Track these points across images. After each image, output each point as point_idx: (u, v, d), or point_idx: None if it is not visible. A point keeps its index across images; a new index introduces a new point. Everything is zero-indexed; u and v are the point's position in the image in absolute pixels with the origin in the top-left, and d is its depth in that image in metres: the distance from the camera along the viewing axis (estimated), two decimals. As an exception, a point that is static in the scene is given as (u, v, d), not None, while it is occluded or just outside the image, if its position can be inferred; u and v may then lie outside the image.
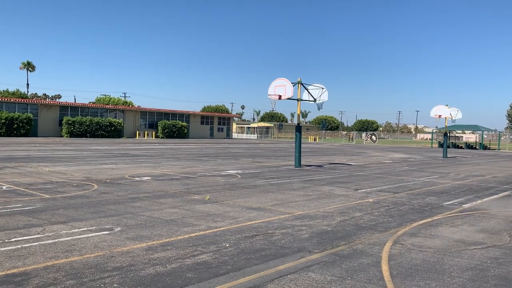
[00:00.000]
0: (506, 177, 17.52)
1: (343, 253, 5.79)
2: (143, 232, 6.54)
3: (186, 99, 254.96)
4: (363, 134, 79.93)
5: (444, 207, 9.80)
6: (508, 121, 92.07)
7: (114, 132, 52.74)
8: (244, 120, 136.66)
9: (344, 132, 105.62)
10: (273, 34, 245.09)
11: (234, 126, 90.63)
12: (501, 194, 12.28)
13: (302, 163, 19.93)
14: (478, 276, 5.02)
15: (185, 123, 61.98)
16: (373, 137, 74.85)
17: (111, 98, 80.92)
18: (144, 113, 59.83)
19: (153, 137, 57.16)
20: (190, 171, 15.96)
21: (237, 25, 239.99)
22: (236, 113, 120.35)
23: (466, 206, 10.04)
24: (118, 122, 53.57)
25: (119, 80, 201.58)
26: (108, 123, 52.05)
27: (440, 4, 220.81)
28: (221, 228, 6.96)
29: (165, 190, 10.96)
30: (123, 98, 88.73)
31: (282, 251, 5.77)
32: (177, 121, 60.75)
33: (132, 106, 72.83)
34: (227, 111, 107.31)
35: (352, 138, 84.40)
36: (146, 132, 57.36)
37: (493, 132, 69.88)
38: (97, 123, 50.97)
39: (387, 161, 25.33)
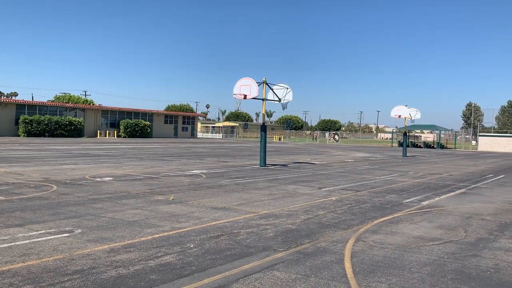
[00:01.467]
0: (462, 175, 18.26)
1: (307, 251, 5.86)
2: (105, 234, 6.38)
3: (150, 97, 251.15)
4: (327, 134, 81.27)
5: (404, 204, 10.11)
6: (463, 121, 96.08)
7: (74, 131, 51.15)
8: (209, 120, 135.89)
9: (308, 132, 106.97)
10: (238, 34, 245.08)
11: (199, 125, 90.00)
12: (457, 192, 12.79)
13: (267, 162, 20.04)
14: (436, 271, 5.20)
15: (148, 122, 60.92)
16: (336, 136, 76.25)
17: (71, 96, 78.41)
18: (105, 112, 58.34)
19: (115, 137, 55.87)
20: (154, 171, 15.71)
21: (202, 25, 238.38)
22: (201, 112, 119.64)
23: (424, 203, 10.39)
24: (78, 121, 52.00)
25: (80, 78, 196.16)
26: (67, 122, 50.42)
27: (400, 7, 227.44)
28: (186, 229, 6.89)
29: (128, 190, 10.74)
30: (83, 97, 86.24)
31: (247, 251, 5.78)
32: (140, 120, 59.63)
33: (93, 104, 70.89)
34: (191, 110, 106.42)
35: (316, 138, 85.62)
36: (107, 131, 55.98)
37: (450, 132, 72.75)
38: (56, 122, 49.27)
39: (350, 160, 25.86)
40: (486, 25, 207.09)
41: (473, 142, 67.65)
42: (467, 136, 77.88)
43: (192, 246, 5.92)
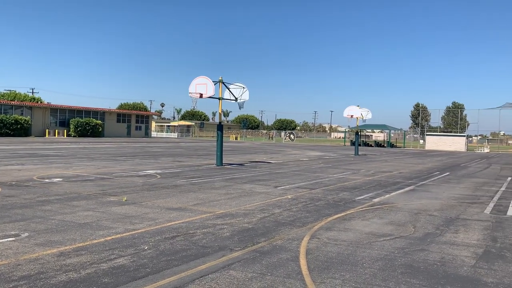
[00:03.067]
0: (410, 173, 19.04)
1: (263, 249, 5.90)
2: (54, 237, 6.12)
3: (101, 95, 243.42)
4: (282, 133, 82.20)
5: (356, 201, 10.40)
6: (412, 121, 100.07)
7: (20, 130, 48.71)
8: (164, 119, 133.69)
9: (265, 131, 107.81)
10: (194, 33, 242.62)
11: (153, 124, 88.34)
12: (406, 189, 13.32)
13: (223, 161, 19.99)
14: (387, 266, 5.39)
15: (100, 121, 59.07)
16: (292, 136, 77.30)
17: (16, 94, 74.53)
18: (54, 110, 55.96)
19: (65, 136, 53.76)
20: (106, 171, 15.26)
21: (156, 22, 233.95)
22: (155, 111, 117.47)
23: (376, 200, 10.74)
24: (25, 120, 49.57)
25: (26, 75, 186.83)
26: (13, 121, 47.93)
27: (351, 7, 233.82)
28: (140, 230, 6.75)
29: (78, 192, 10.36)
30: (30, 94, 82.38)
31: (203, 251, 5.73)
32: (91, 119, 57.71)
33: (41, 102, 67.84)
34: (145, 109, 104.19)
35: (272, 137, 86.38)
36: (57, 130, 53.75)
37: (399, 131, 75.66)
38: (0, 120, 46.74)
39: (305, 159, 26.30)
40: (430, 28, 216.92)
41: (421, 141, 70.73)
42: (415, 135, 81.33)
43: (146, 247, 5.80)
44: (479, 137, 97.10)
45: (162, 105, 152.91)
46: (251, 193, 11.10)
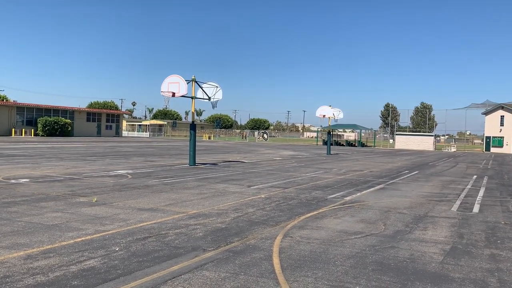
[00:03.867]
0: (381, 172, 19.42)
1: (237, 249, 5.90)
2: (21, 240, 5.94)
3: (71, 94, 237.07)
4: (256, 133, 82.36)
5: (329, 200, 10.53)
6: (382, 121, 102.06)
7: (-16, 129, 47.03)
8: (135, 118, 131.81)
9: (238, 131, 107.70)
10: (166, 32, 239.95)
11: (124, 123, 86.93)
12: (377, 187, 13.58)
13: (196, 161, 19.85)
14: (358, 263, 5.48)
15: (69, 120, 57.66)
16: (265, 135, 77.56)
17: (-20, 92, 71.91)
18: (21, 108, 54.24)
19: (32, 136, 52.19)
20: (75, 171, 14.91)
21: (128, 21, 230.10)
22: (127, 110, 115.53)
23: (347, 198, 10.90)
24: (-11, 119, 47.88)
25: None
26: (-24, 120, 46.23)
27: (325, 6, 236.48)
28: (111, 231, 6.62)
29: (46, 192, 10.08)
30: (-5, 92, 79.43)
31: (175, 252, 5.68)
32: (60, 117, 56.24)
33: (7, 101, 65.59)
34: (116, 108, 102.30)
35: (245, 137, 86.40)
36: (23, 129, 52.10)
37: (370, 131, 77.06)
38: (-38, 119, 45.00)
39: (278, 158, 26.43)
40: (399, 29, 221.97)
41: (391, 141, 72.23)
42: (385, 135, 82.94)
43: (117, 249, 5.70)
44: (447, 136, 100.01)
45: (134, 104, 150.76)
46: (225, 193, 11.07)
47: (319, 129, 76.83)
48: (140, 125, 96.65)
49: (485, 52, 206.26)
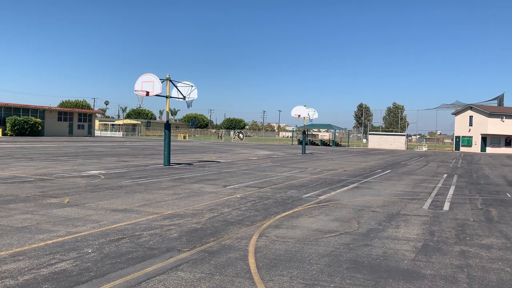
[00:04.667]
0: (354, 171, 19.71)
1: (212, 249, 5.87)
2: (-12, 243, 5.74)
3: (41, 93, 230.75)
4: (231, 132, 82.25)
5: (304, 199, 10.61)
6: (355, 121, 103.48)
7: (-51, 129, 45.31)
8: (108, 117, 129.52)
9: (214, 130, 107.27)
10: (141, 31, 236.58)
11: (97, 123, 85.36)
12: (350, 186, 13.77)
13: (171, 161, 19.67)
14: (333, 261, 5.54)
15: (40, 120, 56.18)
16: (241, 135, 77.54)
17: None
18: (-12, 107, 52.53)
19: (0, 135, 50.59)
20: (46, 172, 14.53)
21: (101, 20, 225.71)
22: (99, 109, 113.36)
23: (322, 197, 11.02)
24: (-45, 118, 46.16)
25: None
26: None
27: (299, 9, 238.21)
28: (83, 233, 6.48)
29: (16, 194, 9.79)
30: (-40, 90, 76.65)
31: (150, 253, 5.61)
32: (30, 117, 54.73)
33: (-27, 99, 63.37)
34: (88, 107, 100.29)
35: (221, 136, 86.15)
36: (-9, 129, 50.50)
37: (344, 131, 78.10)
38: None
39: (253, 158, 26.46)
40: (371, 28, 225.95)
41: (364, 140, 73.40)
42: (359, 135, 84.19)
43: (90, 251, 5.59)
44: (418, 136, 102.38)
45: (106, 103, 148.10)
46: (200, 193, 11.01)
47: (294, 129, 77.35)
48: (113, 124, 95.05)
49: (455, 54, 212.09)
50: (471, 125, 58.90)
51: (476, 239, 7.06)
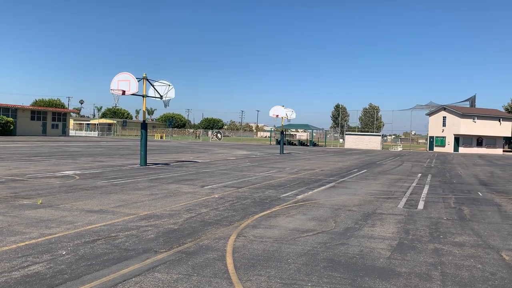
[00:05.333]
0: (331, 170, 19.90)
1: (190, 250, 5.83)
2: (-44, 246, 5.55)
3: (13, 91, 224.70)
4: (209, 132, 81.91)
5: (281, 199, 10.65)
6: (332, 121, 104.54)
7: None
8: (83, 116, 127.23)
9: (191, 130, 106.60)
10: (117, 30, 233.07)
11: (72, 122, 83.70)
12: (327, 186, 13.89)
13: (148, 161, 19.44)
14: (310, 260, 5.58)
15: (12, 119, 54.67)
16: (219, 135, 77.30)
17: None
18: (-43, 106, 50.81)
19: (-30, 134, 49.04)
20: (18, 172, 14.15)
21: (75, 17, 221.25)
22: (74, 108, 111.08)
23: (299, 197, 11.08)
24: None
25: None
26: None
27: (277, 10, 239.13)
28: (57, 235, 6.34)
29: (-14, 195, 9.50)
30: None
31: (126, 254, 5.53)
32: (2, 116, 53.21)
33: None
34: (63, 106, 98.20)
35: (198, 136, 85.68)
36: (-40, 128, 48.86)
37: (321, 131, 78.79)
38: None
39: (232, 158, 26.41)
40: (349, 32, 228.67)
41: (341, 140, 74.26)
42: (336, 135, 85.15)
43: (64, 252, 5.47)
44: (393, 136, 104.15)
45: (81, 102, 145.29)
46: (177, 193, 10.92)
47: (272, 129, 77.59)
48: (88, 124, 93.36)
49: (429, 56, 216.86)
50: (445, 126, 60.31)
51: (449, 237, 7.23)
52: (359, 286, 4.73)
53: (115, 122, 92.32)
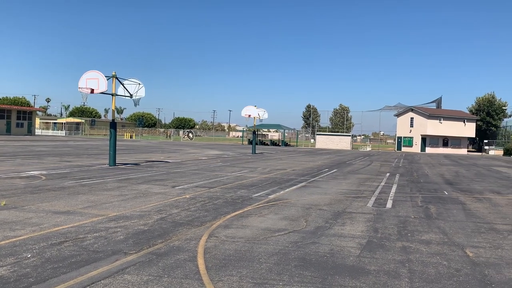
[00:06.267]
0: (303, 170, 20.08)
1: (160, 251, 5.76)
2: None
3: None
4: (181, 132, 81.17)
5: (253, 198, 10.66)
6: (304, 121, 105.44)
7: None
8: (50, 115, 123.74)
9: (162, 130, 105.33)
10: (86, 27, 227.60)
11: (38, 121, 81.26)
12: (299, 185, 14.01)
13: (117, 161, 19.07)
14: (281, 260, 5.61)
15: (-26, 117, 52.65)
16: (190, 134, 76.70)
17: None
18: None
19: None
20: (-19, 173, 13.62)
21: (43, 13, 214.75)
22: (40, 107, 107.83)
23: (271, 197, 11.12)
24: None
25: None
26: None
27: (251, 10, 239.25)
28: (22, 237, 6.13)
29: None
30: None
31: (95, 256, 5.41)
32: (-38, 114, 51.12)
33: None
34: (28, 104, 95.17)
35: (169, 136, 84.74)
36: None
37: (293, 131, 79.41)
38: None
39: (203, 158, 26.25)
40: (320, 34, 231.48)
41: (312, 140, 75.02)
42: (307, 135, 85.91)
43: (29, 255, 5.30)
44: (362, 136, 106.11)
45: (48, 100, 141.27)
46: (147, 194, 10.76)
47: (244, 129, 77.62)
48: (55, 123, 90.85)
49: (397, 58, 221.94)
50: (412, 126, 61.87)
51: (416, 235, 7.41)
52: (329, 284, 4.79)
53: (83, 121, 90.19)
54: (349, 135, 66.10)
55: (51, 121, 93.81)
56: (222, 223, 7.69)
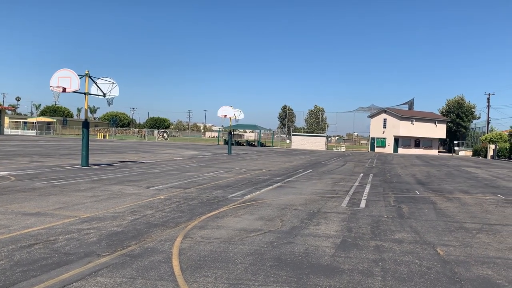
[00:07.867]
0: (278, 170, 20.16)
1: (134, 253, 5.67)
2: None
3: None
4: (155, 132, 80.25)
5: (229, 199, 10.64)
6: (279, 122, 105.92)
7: None
8: (20, 114, 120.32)
9: (136, 129, 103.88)
10: (59, 25, 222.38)
11: (7, 120, 78.88)
12: (275, 185, 14.06)
13: (90, 162, 18.70)
14: (257, 260, 5.62)
15: None
16: (165, 134, 75.95)
17: None
18: None
19: None
20: None
21: (16, 10, 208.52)
22: (9, 105, 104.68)
23: (247, 197, 11.13)
24: None
25: None
26: None
27: (236, 9, 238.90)
28: (-11, 240, 5.94)
29: None
30: None
31: (66, 258, 5.28)
32: None
33: None
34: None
35: (144, 136, 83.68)
36: None
37: (268, 131, 79.66)
38: None
39: (179, 158, 26.03)
40: (297, 36, 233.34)
41: (287, 141, 75.43)
42: (283, 135, 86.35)
43: (-3, 259, 5.13)
44: (337, 137, 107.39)
45: (18, 99, 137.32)
46: (121, 195, 10.59)
47: (220, 129, 77.38)
48: (25, 122, 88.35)
49: (371, 60, 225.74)
50: (385, 127, 63.01)
51: (389, 234, 7.55)
52: (304, 284, 4.82)
53: (55, 120, 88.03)
54: (324, 136, 66.79)
55: (21, 120, 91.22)
56: (197, 224, 7.64)
